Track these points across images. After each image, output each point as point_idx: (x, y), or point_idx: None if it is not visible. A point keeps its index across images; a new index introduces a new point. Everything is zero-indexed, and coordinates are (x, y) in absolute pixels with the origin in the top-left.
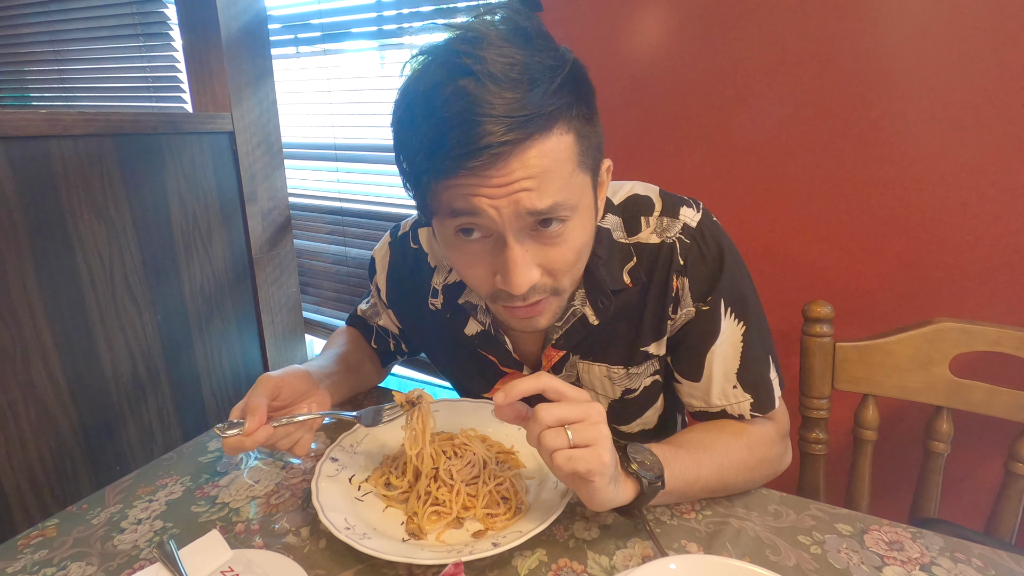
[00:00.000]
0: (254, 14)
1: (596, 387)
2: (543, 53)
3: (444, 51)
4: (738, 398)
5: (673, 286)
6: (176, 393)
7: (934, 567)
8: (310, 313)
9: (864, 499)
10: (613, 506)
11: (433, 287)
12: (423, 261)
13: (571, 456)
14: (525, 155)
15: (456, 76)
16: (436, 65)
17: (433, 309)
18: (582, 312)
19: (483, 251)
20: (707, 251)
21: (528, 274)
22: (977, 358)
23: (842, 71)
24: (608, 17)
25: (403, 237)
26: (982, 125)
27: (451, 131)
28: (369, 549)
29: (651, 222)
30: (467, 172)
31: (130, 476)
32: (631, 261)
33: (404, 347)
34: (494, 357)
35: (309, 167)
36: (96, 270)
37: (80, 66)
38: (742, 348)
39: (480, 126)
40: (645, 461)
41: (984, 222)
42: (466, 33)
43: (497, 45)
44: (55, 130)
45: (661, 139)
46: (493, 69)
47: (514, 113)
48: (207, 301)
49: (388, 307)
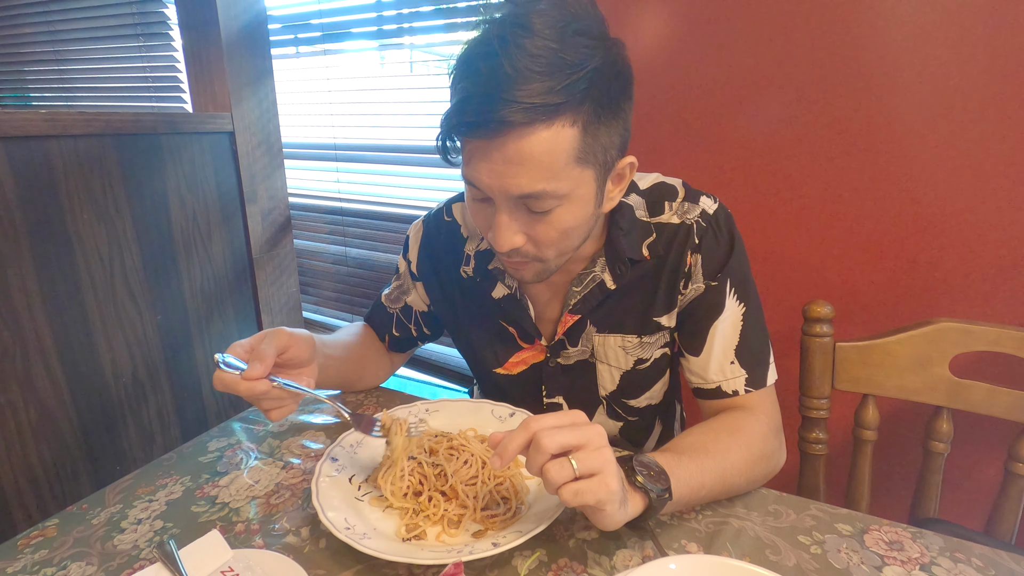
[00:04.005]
0: (254, 14)
1: (610, 359)
2: (575, 49)
3: (492, 27)
4: (734, 373)
5: (687, 262)
6: (176, 393)
7: (934, 567)
8: (310, 313)
9: (864, 499)
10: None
11: (466, 254)
12: (457, 231)
13: (579, 490)
14: (523, 139)
15: (489, 56)
16: (481, 37)
17: (465, 276)
18: (601, 278)
19: (484, 206)
20: (720, 235)
21: (510, 239)
22: (977, 358)
23: (842, 72)
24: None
25: (437, 212)
26: (982, 125)
27: (471, 99)
28: (369, 549)
29: (674, 206)
30: (474, 138)
31: (130, 476)
32: (651, 236)
33: (426, 329)
34: (515, 329)
35: (309, 167)
36: (96, 270)
37: (80, 66)
38: (741, 327)
39: (491, 103)
40: (651, 473)
41: (984, 222)
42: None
43: (535, 34)
44: (55, 130)
45: (661, 139)
46: (519, 58)
47: (523, 99)
48: (207, 301)
49: (418, 279)
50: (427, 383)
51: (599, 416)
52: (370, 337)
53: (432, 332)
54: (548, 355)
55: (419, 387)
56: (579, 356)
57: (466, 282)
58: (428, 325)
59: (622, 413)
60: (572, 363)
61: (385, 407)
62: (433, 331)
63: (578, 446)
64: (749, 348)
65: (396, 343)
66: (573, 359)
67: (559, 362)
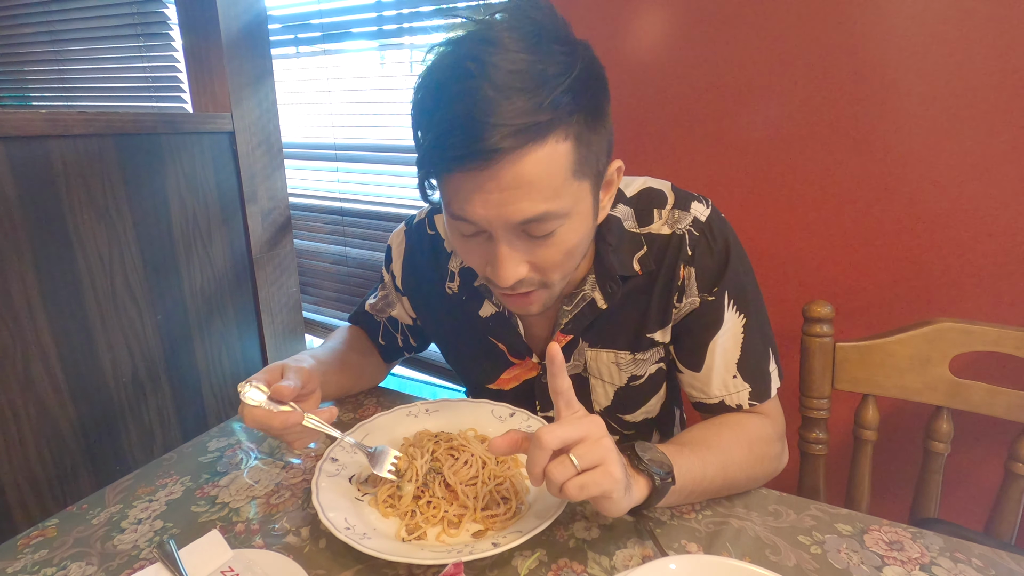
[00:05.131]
0: (254, 14)
1: (603, 375)
2: (551, 57)
3: (457, 49)
4: (737, 388)
5: (680, 275)
6: (176, 393)
7: (934, 567)
8: (310, 313)
9: (864, 499)
10: (628, 510)
11: (451, 271)
12: (440, 246)
13: (583, 484)
14: (518, 163)
15: (464, 78)
16: (448, 62)
17: (450, 293)
18: (592, 296)
19: (477, 242)
20: (714, 244)
21: (515, 271)
22: (977, 358)
23: (842, 71)
24: (609, 17)
25: (419, 224)
26: (983, 125)
27: (452, 131)
28: (369, 549)
29: (663, 214)
30: (462, 171)
31: (130, 476)
32: (641, 250)
33: (412, 341)
34: (504, 345)
35: (309, 167)
36: (96, 270)
37: (80, 66)
38: (743, 339)
39: (477, 131)
40: (655, 458)
41: (984, 222)
42: (480, 32)
43: (507, 49)
44: (55, 130)
45: (661, 139)
46: (497, 77)
47: (510, 121)
48: (207, 301)
49: (403, 294)
50: (427, 383)
51: None
52: (360, 339)
53: (419, 344)
54: (541, 371)
55: (419, 387)
56: (572, 371)
57: (452, 299)
58: (415, 338)
59: (618, 428)
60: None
61: (385, 407)
62: (420, 344)
63: (578, 440)
64: (752, 361)
65: (383, 351)
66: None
67: None
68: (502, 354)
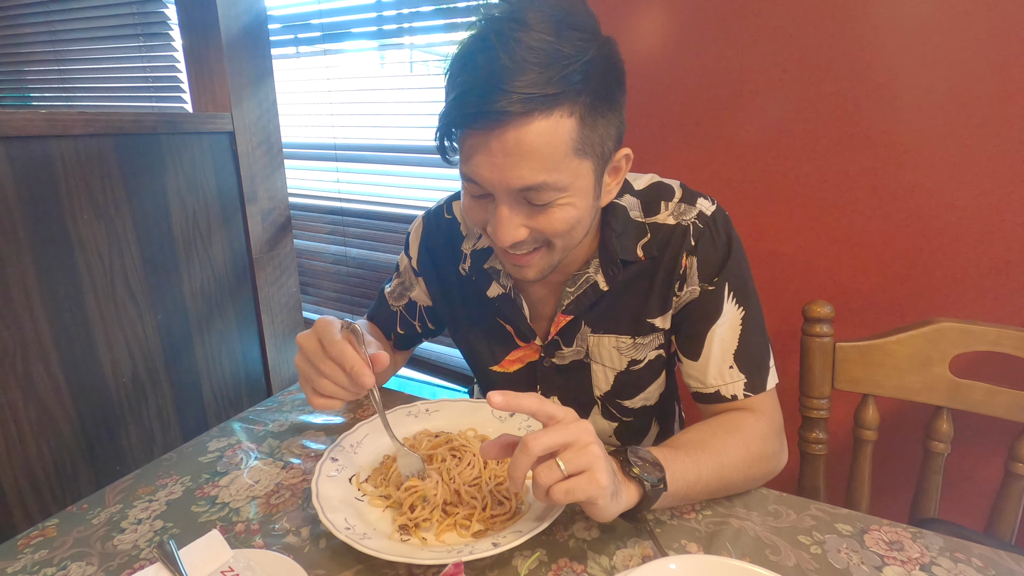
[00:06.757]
0: (254, 14)
1: (604, 359)
2: (569, 41)
3: (488, 24)
4: (733, 378)
5: (682, 264)
6: (176, 393)
7: (934, 567)
8: (310, 313)
9: (864, 499)
10: (617, 515)
11: (463, 252)
12: (456, 230)
13: (568, 489)
14: (522, 129)
15: (487, 49)
16: (478, 34)
17: (463, 274)
18: (594, 279)
19: (483, 203)
20: (717, 237)
21: (513, 233)
22: (977, 358)
23: (843, 72)
24: (609, 17)
25: (437, 209)
26: (983, 125)
27: (470, 92)
28: (369, 549)
29: (670, 206)
30: (472, 130)
31: (130, 476)
32: (645, 237)
33: (431, 325)
34: (511, 327)
35: (309, 167)
36: (96, 270)
37: (80, 66)
38: (740, 331)
39: (490, 94)
40: (646, 464)
41: (984, 222)
42: (511, 11)
43: (531, 29)
44: (55, 130)
45: (661, 139)
46: (517, 51)
47: (521, 90)
48: (207, 301)
49: (419, 275)
50: (427, 383)
51: (594, 416)
52: (377, 336)
53: (436, 327)
54: (543, 354)
55: (419, 387)
56: (574, 356)
57: (464, 280)
58: (432, 320)
59: (617, 414)
60: (567, 363)
61: (385, 407)
62: (437, 326)
63: (565, 445)
64: (748, 353)
65: (401, 341)
66: (568, 359)
67: (554, 362)
68: (509, 336)
